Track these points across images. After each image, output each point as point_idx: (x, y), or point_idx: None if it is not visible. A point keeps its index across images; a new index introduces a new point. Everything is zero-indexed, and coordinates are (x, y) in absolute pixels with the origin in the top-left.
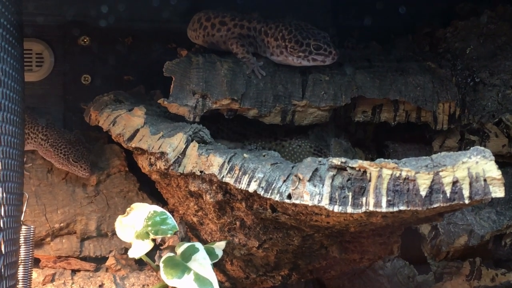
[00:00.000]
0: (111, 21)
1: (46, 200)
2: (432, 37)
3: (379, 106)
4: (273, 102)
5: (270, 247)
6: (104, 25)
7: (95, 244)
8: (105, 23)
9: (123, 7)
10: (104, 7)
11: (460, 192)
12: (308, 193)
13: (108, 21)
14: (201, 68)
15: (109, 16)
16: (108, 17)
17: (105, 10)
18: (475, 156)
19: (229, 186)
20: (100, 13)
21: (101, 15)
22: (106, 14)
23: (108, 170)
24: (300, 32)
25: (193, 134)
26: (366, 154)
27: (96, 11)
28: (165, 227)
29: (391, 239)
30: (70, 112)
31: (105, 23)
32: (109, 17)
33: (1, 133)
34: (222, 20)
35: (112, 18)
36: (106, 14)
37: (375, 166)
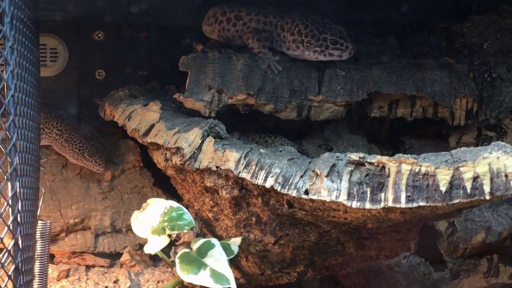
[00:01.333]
0: (125, 16)
1: (60, 195)
2: (449, 32)
3: (395, 102)
4: (289, 97)
5: (286, 243)
6: (118, 20)
7: (110, 240)
8: (119, 18)
9: (137, 2)
10: (119, 1)
11: (481, 188)
12: (325, 188)
13: (123, 16)
14: (217, 63)
15: (123, 11)
16: (122, 12)
17: (120, 4)
18: (496, 152)
19: (245, 182)
20: (115, 8)
21: (115, 9)
22: (121, 9)
23: (122, 165)
24: (316, 27)
25: (209, 129)
26: (382, 150)
27: (111, 5)
28: (181, 223)
29: (408, 235)
30: (84, 107)
31: (120, 18)
32: (123, 12)
33: (18, 127)
34: (238, 15)
35: (127, 13)
36: (121, 8)
37: (394, 162)
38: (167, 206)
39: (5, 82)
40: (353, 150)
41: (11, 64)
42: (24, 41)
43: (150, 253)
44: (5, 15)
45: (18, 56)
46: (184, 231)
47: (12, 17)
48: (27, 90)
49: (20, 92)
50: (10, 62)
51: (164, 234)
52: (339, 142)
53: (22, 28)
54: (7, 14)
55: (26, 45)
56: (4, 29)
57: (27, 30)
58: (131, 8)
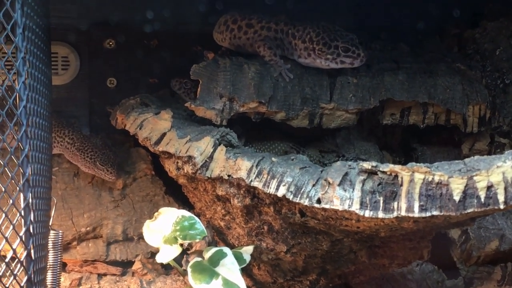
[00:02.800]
0: (136, 24)
1: (72, 204)
2: (461, 38)
3: (407, 109)
4: (300, 105)
5: (298, 251)
6: (129, 28)
7: (121, 248)
8: (130, 26)
9: (148, 10)
10: (130, 10)
11: (495, 197)
12: (338, 197)
13: (134, 24)
14: (228, 71)
15: (134, 19)
16: (133, 20)
17: (131, 13)
18: (510, 160)
19: (257, 190)
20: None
21: (126, 18)
22: (132, 17)
23: (134, 173)
24: (328, 34)
25: (221, 137)
26: (394, 157)
27: (122, 14)
28: (193, 232)
29: (421, 244)
30: (95, 115)
31: (131, 26)
32: (134, 20)
33: (30, 138)
34: (249, 23)
35: (138, 21)
36: (132, 17)
37: (407, 170)
38: (179, 216)
39: (17, 93)
40: (365, 157)
41: (23, 75)
42: (36, 51)
43: (162, 262)
44: (17, 26)
45: (30, 67)
46: (196, 241)
47: (24, 28)
48: (39, 100)
49: (32, 103)
50: (22, 73)
51: (176, 243)
52: (351, 149)
53: (34, 38)
54: (19, 25)
55: (38, 55)
56: (16, 40)
57: (39, 40)
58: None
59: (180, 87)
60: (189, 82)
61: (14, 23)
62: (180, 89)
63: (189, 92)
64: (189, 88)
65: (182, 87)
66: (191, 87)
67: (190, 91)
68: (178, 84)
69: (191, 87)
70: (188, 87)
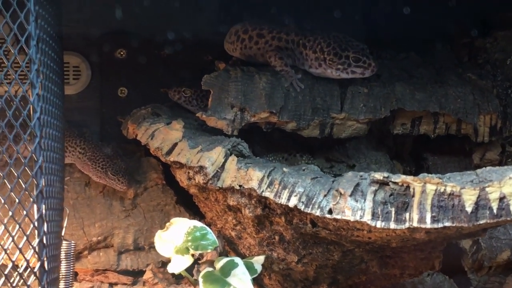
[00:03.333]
0: (147, 34)
1: (84, 213)
2: (471, 48)
3: (418, 119)
4: (311, 115)
5: (309, 261)
6: (140, 38)
7: (132, 258)
8: (141, 36)
9: (159, 20)
10: (141, 20)
11: (508, 209)
12: (349, 208)
13: (145, 34)
14: (240, 81)
15: (145, 29)
16: (144, 30)
17: (142, 23)
18: None
19: (268, 201)
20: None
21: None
22: (143, 27)
23: (145, 183)
24: (339, 44)
25: (232, 147)
26: (404, 167)
27: (132, 24)
28: (205, 243)
29: (433, 254)
30: (107, 125)
31: (142, 36)
32: (145, 30)
33: (44, 149)
34: (260, 33)
35: (148, 31)
36: (143, 27)
37: (418, 181)
38: (191, 226)
39: (31, 104)
40: (376, 167)
41: (37, 86)
42: (49, 63)
43: (174, 272)
44: (31, 38)
45: (44, 78)
46: (208, 251)
47: (38, 39)
48: (52, 111)
49: (45, 114)
50: (36, 84)
51: (188, 253)
52: (362, 159)
53: (47, 49)
54: (33, 37)
55: (51, 66)
56: (30, 52)
57: (52, 51)
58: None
59: (180, 96)
60: (187, 90)
61: (28, 35)
62: (180, 98)
63: (190, 99)
64: (189, 96)
65: (182, 96)
66: (191, 95)
67: (191, 99)
68: (177, 94)
69: (191, 94)
70: (188, 95)
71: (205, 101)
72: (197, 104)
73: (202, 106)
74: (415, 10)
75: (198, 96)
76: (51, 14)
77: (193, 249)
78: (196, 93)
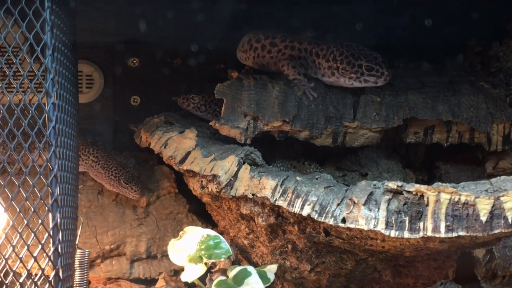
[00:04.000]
0: (160, 43)
1: (96, 221)
2: (484, 56)
3: (431, 127)
4: (324, 123)
5: (322, 270)
6: (153, 47)
7: (145, 266)
8: (154, 44)
9: (171, 29)
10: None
11: None
12: (363, 217)
13: (157, 43)
14: (253, 90)
15: (158, 37)
16: (157, 39)
17: (154, 31)
18: None
19: (281, 209)
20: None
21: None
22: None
23: (158, 191)
24: (352, 53)
25: (245, 156)
26: (417, 175)
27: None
28: (218, 251)
29: (446, 263)
30: (119, 133)
31: (154, 45)
32: (158, 38)
33: (59, 158)
34: (273, 42)
35: (161, 40)
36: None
37: (432, 190)
38: (204, 235)
39: (47, 113)
40: (388, 175)
41: (53, 96)
42: (64, 72)
43: (187, 281)
44: (47, 47)
45: (59, 88)
46: (221, 260)
47: (54, 49)
48: (67, 120)
49: (60, 123)
50: (52, 94)
51: (201, 262)
52: (374, 168)
53: (62, 59)
54: (48, 47)
55: (65, 75)
56: (46, 62)
57: (67, 60)
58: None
59: (189, 103)
60: (196, 96)
61: (44, 45)
62: (189, 105)
63: (199, 106)
64: (198, 102)
65: (191, 103)
66: (199, 101)
67: (199, 105)
68: (185, 101)
69: (199, 101)
70: (196, 101)
71: (213, 106)
72: (206, 110)
73: (211, 112)
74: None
75: (207, 102)
76: (66, 23)
77: (206, 258)
78: (205, 99)
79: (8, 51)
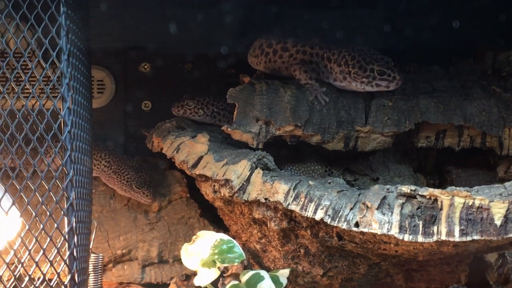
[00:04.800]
0: (171, 48)
1: (108, 226)
2: (495, 61)
3: (442, 131)
4: (336, 128)
5: (335, 275)
6: (164, 52)
7: (156, 271)
8: (165, 49)
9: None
10: (164, 33)
11: None
12: (376, 221)
13: (168, 48)
14: (265, 94)
15: (169, 42)
16: (168, 44)
17: (165, 37)
18: None
19: (294, 214)
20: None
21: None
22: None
23: (169, 196)
24: (363, 58)
25: (257, 161)
26: (428, 180)
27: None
28: (232, 256)
29: (459, 267)
30: (131, 138)
31: (165, 50)
32: (169, 43)
33: (74, 162)
34: (284, 46)
35: (172, 45)
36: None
37: (446, 194)
38: (218, 239)
39: (62, 118)
40: (399, 180)
41: (68, 100)
42: (79, 76)
43: (200, 285)
44: (62, 52)
45: (74, 92)
46: (234, 264)
47: (69, 54)
48: (81, 125)
49: (75, 128)
50: (67, 98)
51: (215, 266)
52: (385, 172)
53: (77, 63)
54: (64, 52)
55: (80, 80)
56: (61, 66)
57: (81, 65)
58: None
59: (185, 110)
60: (190, 101)
61: (59, 50)
62: (185, 112)
63: (196, 110)
64: (194, 107)
65: (186, 109)
66: (195, 105)
67: (196, 109)
68: (181, 109)
69: (194, 105)
70: (192, 106)
71: (211, 108)
72: (204, 113)
73: (209, 114)
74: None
75: (203, 105)
76: (80, 29)
77: (219, 262)
78: (200, 102)
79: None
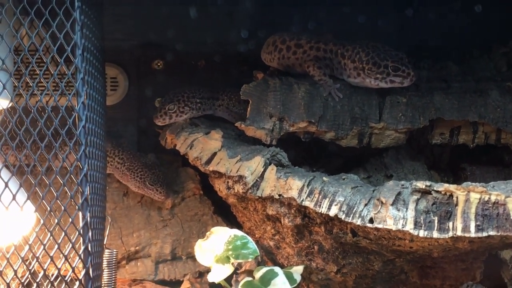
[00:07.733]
0: (184, 45)
1: (122, 223)
2: (509, 57)
3: (457, 128)
4: (350, 124)
5: (348, 272)
6: (177, 49)
7: (170, 268)
8: (178, 46)
9: (195, 31)
10: (177, 30)
11: None
12: (391, 217)
13: (181, 45)
14: (278, 91)
15: (182, 39)
16: (181, 41)
17: (178, 33)
18: None
19: (308, 210)
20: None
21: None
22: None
23: (183, 193)
24: (377, 54)
25: (271, 157)
26: (442, 177)
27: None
28: (246, 252)
29: (474, 264)
30: (144, 135)
31: (179, 47)
32: (182, 40)
33: (89, 157)
34: (298, 43)
35: (185, 42)
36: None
37: (462, 190)
38: (232, 235)
39: (77, 113)
40: (413, 177)
41: (83, 95)
42: (93, 72)
43: (214, 281)
44: (77, 47)
45: (88, 87)
46: (248, 260)
47: (83, 49)
48: (96, 120)
49: (90, 123)
50: (82, 93)
51: (228, 262)
52: (399, 169)
53: (91, 59)
54: (78, 47)
55: (94, 75)
56: (76, 61)
57: (95, 60)
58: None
59: (170, 115)
60: (170, 105)
61: (74, 45)
62: (171, 117)
63: (180, 109)
64: (176, 109)
65: (171, 114)
66: (177, 107)
67: (181, 107)
68: (164, 116)
69: (176, 107)
70: (174, 108)
71: (193, 100)
72: (190, 108)
73: (196, 109)
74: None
75: (185, 101)
76: (95, 24)
77: (233, 258)
78: (180, 100)
79: (39, 50)
